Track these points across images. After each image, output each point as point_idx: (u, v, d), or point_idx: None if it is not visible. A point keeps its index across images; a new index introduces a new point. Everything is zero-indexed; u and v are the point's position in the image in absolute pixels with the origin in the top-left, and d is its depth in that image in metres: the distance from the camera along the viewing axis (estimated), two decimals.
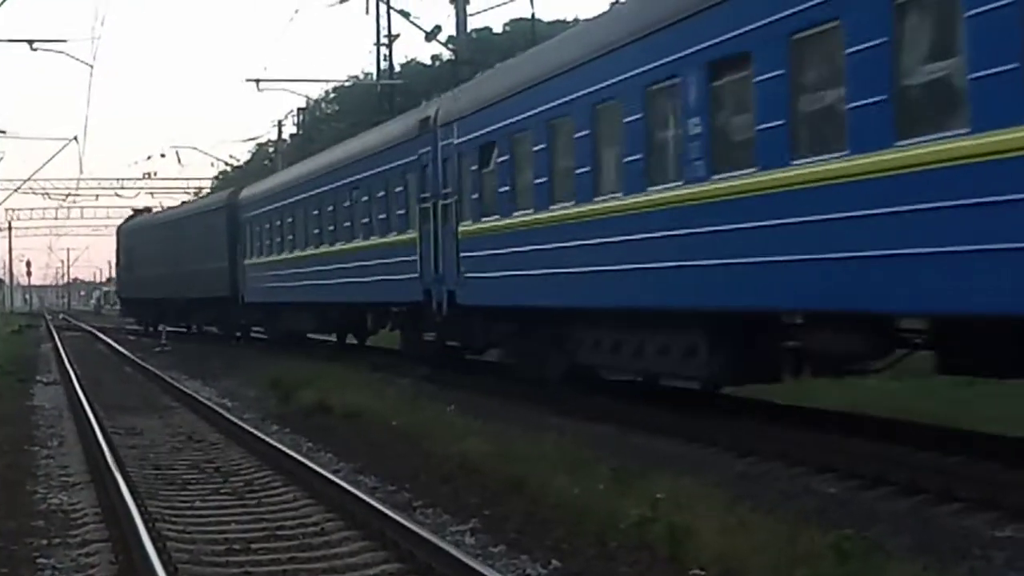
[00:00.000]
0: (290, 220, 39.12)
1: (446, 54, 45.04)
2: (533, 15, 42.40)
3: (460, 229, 23.81)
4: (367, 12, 47.07)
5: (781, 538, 9.08)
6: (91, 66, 75.05)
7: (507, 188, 21.66)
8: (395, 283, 27.89)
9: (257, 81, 51.44)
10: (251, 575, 9.97)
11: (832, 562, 7.98)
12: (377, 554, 10.42)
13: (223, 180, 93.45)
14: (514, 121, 21.33)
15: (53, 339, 51.64)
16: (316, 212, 35.95)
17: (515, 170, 21.36)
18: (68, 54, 51.21)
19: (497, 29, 58.08)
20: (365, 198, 31.05)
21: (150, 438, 18.85)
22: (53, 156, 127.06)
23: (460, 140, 24.01)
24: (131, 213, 77.64)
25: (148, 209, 77.29)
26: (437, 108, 26.45)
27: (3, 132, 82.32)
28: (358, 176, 31.70)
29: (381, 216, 29.59)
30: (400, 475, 14.26)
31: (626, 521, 10.31)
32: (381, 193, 29.61)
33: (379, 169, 29.80)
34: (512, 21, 51.97)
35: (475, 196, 23.27)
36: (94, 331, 63.59)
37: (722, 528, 9.60)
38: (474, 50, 40.87)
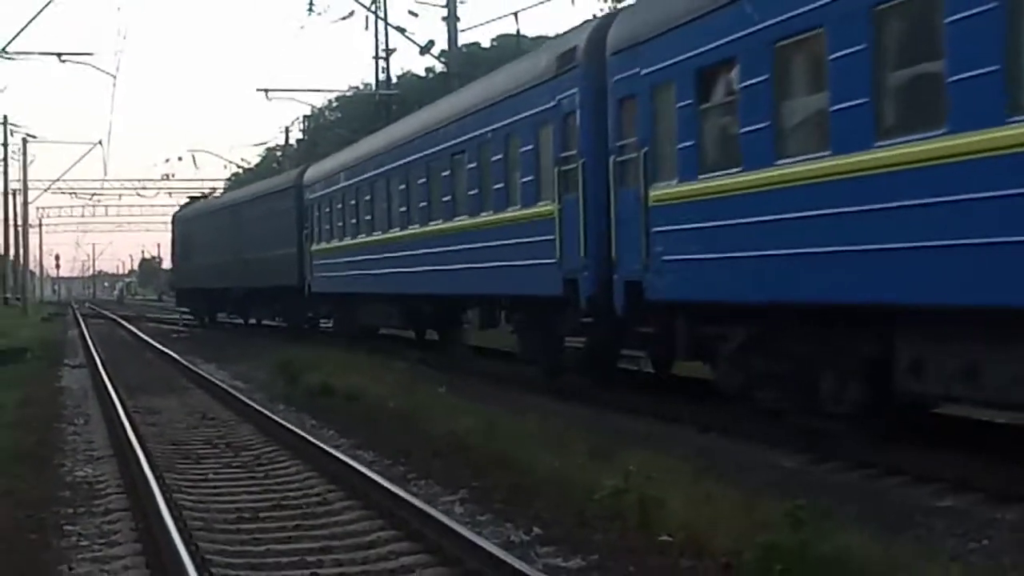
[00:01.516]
0: (367, 198, 30.23)
1: (439, 67, 44.88)
2: (518, 31, 42.43)
3: (652, 195, 15.22)
4: (367, 28, 46.88)
5: (741, 507, 9.12)
6: (114, 76, 75.84)
7: (760, 126, 12.89)
8: (516, 271, 19.68)
9: (266, 91, 51.44)
10: (259, 542, 9.96)
11: (787, 529, 7.99)
12: (374, 522, 10.44)
13: (234, 181, 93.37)
14: (786, 19, 12.61)
15: (79, 326, 51.55)
16: (403, 187, 26.94)
17: (782, 96, 12.80)
18: (94, 66, 51.74)
19: (485, 44, 57.92)
20: (472, 165, 22.07)
21: (168, 416, 18.84)
22: (80, 159, 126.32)
23: (657, 67, 15.11)
24: (187, 200, 69.83)
25: (205, 196, 68.78)
26: (594, 33, 17.55)
27: (34, 137, 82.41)
28: (462, 138, 22.70)
29: (497, 186, 20.93)
30: (396, 451, 14.27)
31: (601, 493, 10.32)
32: (497, 156, 20.86)
33: (494, 127, 21.06)
34: (499, 37, 51.91)
35: (687, 144, 14.54)
36: (117, 319, 63.42)
37: (688, 499, 9.63)
38: (464, 63, 40.81)
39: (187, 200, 69.74)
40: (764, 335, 13.90)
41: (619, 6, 33.55)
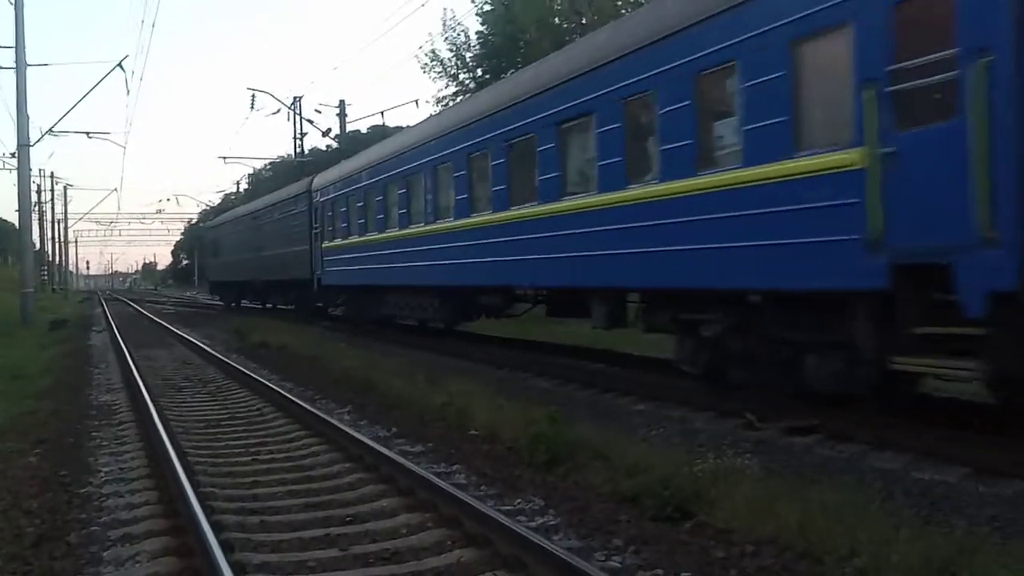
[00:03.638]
0: (401, 192, 18.49)
1: (334, 144, 44.27)
2: (384, 124, 42.09)
3: None
4: (288, 119, 46.19)
5: (520, 413, 9.19)
6: (124, 147, 73.07)
7: None
8: (728, 256, 8.93)
9: (224, 157, 51.05)
10: (219, 439, 9.70)
11: (547, 425, 8.10)
12: (293, 426, 10.24)
13: (204, 213, 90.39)
14: None
15: (102, 307, 49.20)
16: (460, 173, 15.44)
17: None
18: (111, 140, 49.86)
19: (364, 130, 57.35)
20: (610, 126, 10.99)
21: (160, 362, 18.11)
22: (102, 200, 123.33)
23: None
24: (211, 212, 62.92)
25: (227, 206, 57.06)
26: None
27: (72, 185, 79.44)
28: (583, 99, 11.62)
29: (673, 145, 9.72)
30: (307, 381, 13.99)
31: (434, 405, 10.35)
32: (671, 107, 9.73)
33: (657, 71, 9.99)
34: (372, 127, 51.30)
35: None
36: (127, 301, 60.81)
37: (488, 408, 9.69)
38: (349, 142, 40.39)
39: (202, 212, 64.07)
40: None
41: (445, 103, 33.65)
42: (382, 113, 51.44)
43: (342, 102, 40.22)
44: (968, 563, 4.62)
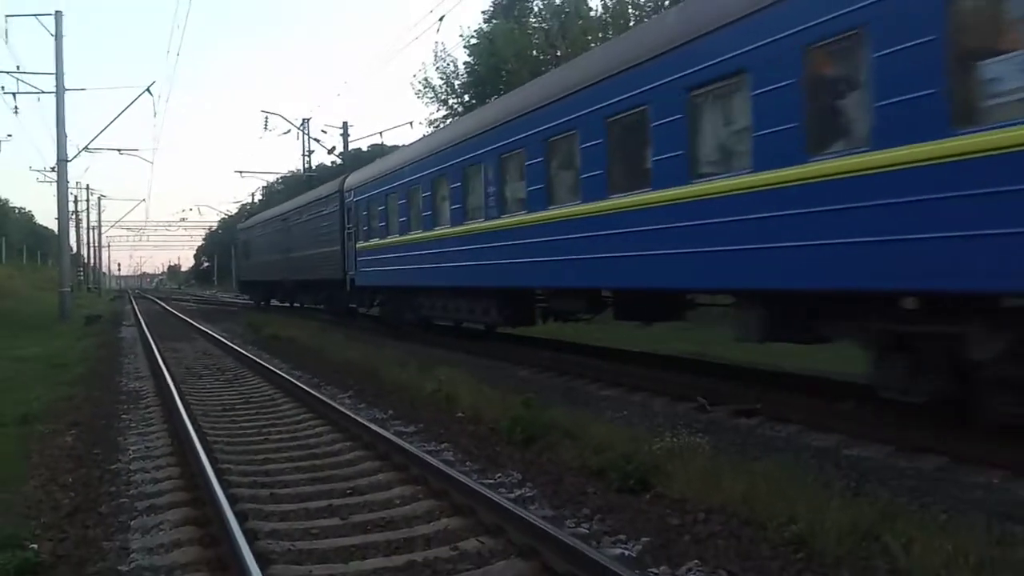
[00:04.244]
0: (455, 186, 14.50)
1: (339, 161, 44.13)
2: (383, 143, 41.84)
3: None
4: (298, 138, 46.00)
5: (500, 398, 9.18)
6: (151, 162, 72.57)
7: None
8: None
9: (241, 172, 50.98)
10: (235, 421, 9.63)
11: (523, 408, 8.09)
12: (300, 409, 10.18)
13: (221, 222, 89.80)
14: None
15: (131, 304, 48.82)
16: (536, 160, 11.51)
17: None
18: (140, 156, 49.50)
19: (365, 148, 57.28)
20: (787, 81, 6.96)
21: (183, 353, 17.96)
22: (132, 209, 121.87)
23: None
24: (235, 218, 59.94)
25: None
26: None
27: (105, 196, 78.58)
28: (734, 53, 7.55)
29: (900, 98, 5.97)
30: (313, 369, 13.91)
31: (425, 391, 10.31)
32: (908, 43, 5.90)
33: None
34: (372, 145, 51.15)
35: None
36: (154, 299, 60.34)
37: (473, 394, 9.66)
38: (352, 159, 40.25)
39: (222, 220, 62.42)
40: None
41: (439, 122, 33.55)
42: (381, 133, 51.39)
43: (345, 123, 40.37)
44: (890, 527, 4.66)
